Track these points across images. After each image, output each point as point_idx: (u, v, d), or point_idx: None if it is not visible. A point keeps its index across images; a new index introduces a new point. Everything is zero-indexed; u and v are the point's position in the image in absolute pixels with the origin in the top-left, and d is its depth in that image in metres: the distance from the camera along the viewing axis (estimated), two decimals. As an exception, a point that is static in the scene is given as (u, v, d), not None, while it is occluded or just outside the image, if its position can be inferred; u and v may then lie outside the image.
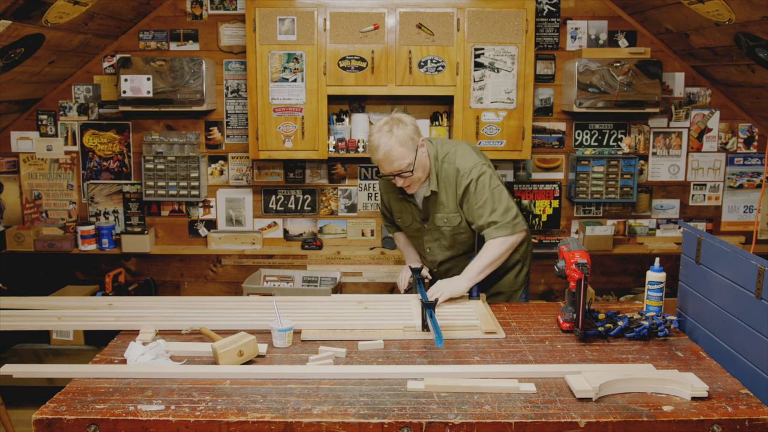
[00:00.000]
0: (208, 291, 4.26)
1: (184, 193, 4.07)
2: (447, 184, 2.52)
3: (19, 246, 4.06)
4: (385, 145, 2.35)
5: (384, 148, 2.35)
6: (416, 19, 3.74)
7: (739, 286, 1.91)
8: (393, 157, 2.36)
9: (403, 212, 2.69)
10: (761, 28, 3.05)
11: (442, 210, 2.55)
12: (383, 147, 2.36)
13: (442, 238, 2.62)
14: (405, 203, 2.64)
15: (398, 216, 2.73)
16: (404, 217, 2.70)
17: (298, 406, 1.66)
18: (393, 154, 2.36)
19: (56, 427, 1.61)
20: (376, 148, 2.38)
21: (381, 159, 2.38)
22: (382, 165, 2.41)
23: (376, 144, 2.38)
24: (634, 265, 4.26)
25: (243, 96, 4.12)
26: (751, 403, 1.70)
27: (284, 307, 2.31)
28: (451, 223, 2.56)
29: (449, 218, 2.56)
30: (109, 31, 3.88)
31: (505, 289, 2.71)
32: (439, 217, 2.57)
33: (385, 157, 2.37)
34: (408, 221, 2.69)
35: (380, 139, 2.37)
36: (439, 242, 2.64)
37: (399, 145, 2.35)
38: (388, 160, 2.37)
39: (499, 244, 2.45)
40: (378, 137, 2.37)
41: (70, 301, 2.58)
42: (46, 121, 4.15)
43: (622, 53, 3.85)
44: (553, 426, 1.59)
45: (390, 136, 2.35)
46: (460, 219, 2.55)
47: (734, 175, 4.23)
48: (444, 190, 2.52)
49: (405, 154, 2.37)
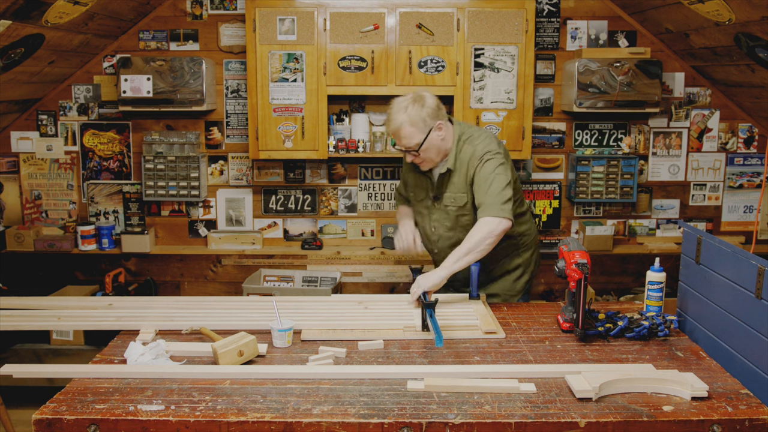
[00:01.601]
0: (208, 291, 4.26)
1: (184, 193, 4.07)
2: (461, 164, 2.56)
3: (19, 246, 4.06)
4: (395, 121, 2.46)
5: (394, 124, 2.46)
6: (416, 19, 3.74)
7: (739, 286, 1.92)
8: (402, 135, 2.46)
9: (418, 187, 2.72)
10: (761, 28, 3.05)
11: (452, 189, 2.59)
12: (394, 123, 2.46)
13: (446, 219, 2.64)
14: (421, 177, 2.68)
15: (412, 190, 2.76)
16: (417, 192, 2.73)
17: (298, 406, 1.66)
18: (402, 132, 2.45)
19: (56, 427, 1.61)
20: (389, 121, 2.50)
21: (391, 132, 2.52)
22: (395, 138, 2.53)
23: (390, 118, 2.49)
24: (634, 265, 4.26)
25: (243, 96, 4.12)
26: (751, 403, 1.70)
27: (284, 307, 2.31)
28: (457, 203, 2.59)
29: (456, 197, 2.59)
30: (109, 31, 3.88)
31: (501, 291, 2.72)
32: (447, 196, 2.60)
33: (395, 133, 2.49)
34: (421, 196, 2.72)
35: (395, 114, 2.47)
36: (443, 223, 2.65)
37: (409, 125, 2.44)
38: (398, 135, 2.48)
39: (479, 227, 2.35)
40: (394, 111, 2.48)
41: (70, 301, 2.58)
42: (46, 121, 4.15)
43: (622, 53, 3.85)
44: (553, 426, 1.59)
45: (404, 114, 2.44)
46: (466, 200, 2.58)
47: (734, 175, 4.23)
48: (459, 169, 2.57)
49: (414, 134, 2.45)
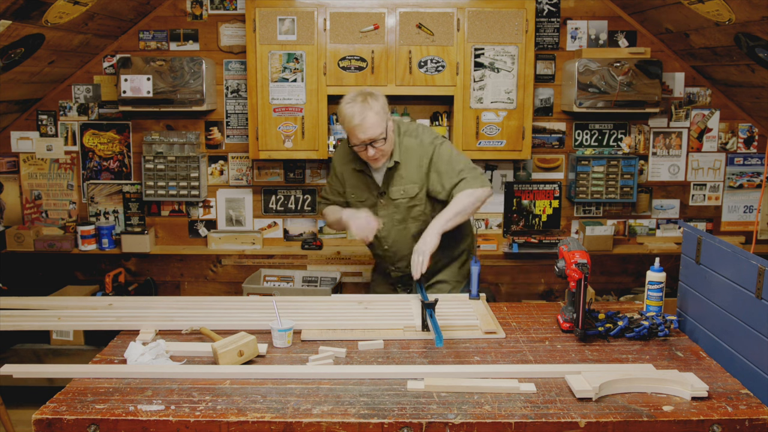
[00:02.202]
0: (208, 291, 4.26)
1: (184, 193, 4.07)
2: (409, 157, 2.58)
3: (19, 246, 4.06)
4: (360, 113, 2.41)
5: (360, 116, 2.41)
6: (416, 19, 3.74)
7: (739, 286, 1.92)
8: (368, 125, 2.41)
9: (359, 186, 2.66)
10: (761, 28, 3.05)
11: (400, 183, 2.59)
12: (359, 114, 2.41)
13: (396, 212, 2.63)
14: (362, 176, 2.64)
15: (352, 191, 2.69)
16: (359, 192, 2.67)
17: (298, 406, 1.66)
18: (368, 122, 2.41)
19: (56, 427, 1.61)
20: (351, 116, 2.42)
21: (355, 126, 2.42)
22: (355, 133, 2.43)
23: (351, 112, 2.42)
24: (634, 265, 4.26)
25: (243, 96, 4.12)
26: (751, 403, 1.70)
27: (284, 307, 2.31)
28: (408, 194, 2.59)
29: (407, 189, 2.59)
30: (109, 31, 3.88)
31: (449, 279, 2.76)
32: (395, 190, 2.60)
33: (360, 124, 2.41)
34: (363, 196, 2.66)
35: (354, 107, 2.42)
36: (393, 217, 2.64)
37: (374, 113, 2.42)
38: (363, 127, 2.41)
39: (468, 195, 2.49)
40: (352, 106, 2.43)
41: (70, 301, 2.58)
42: (46, 121, 4.15)
43: (622, 53, 3.85)
44: (553, 426, 1.59)
45: (365, 105, 2.42)
46: (417, 190, 2.59)
47: (734, 175, 4.23)
48: (407, 162, 2.58)
49: (379, 122, 2.43)
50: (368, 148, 2.46)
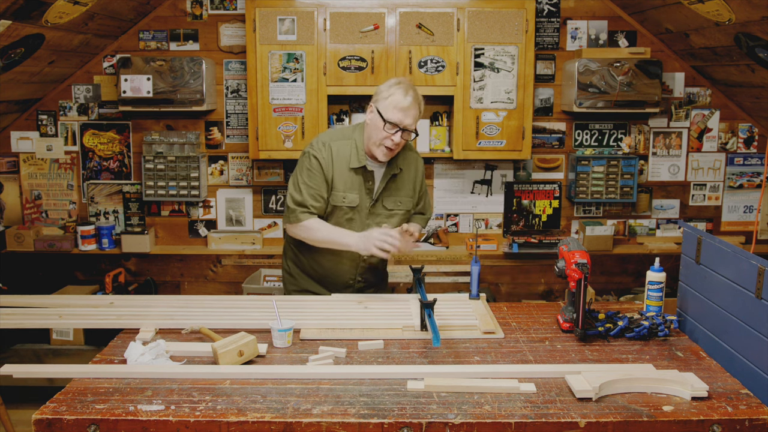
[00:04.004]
0: (208, 291, 4.26)
1: (184, 193, 4.07)
2: (407, 169, 2.56)
3: (19, 246, 4.06)
4: (414, 100, 2.36)
5: (413, 102, 2.36)
6: (416, 19, 3.74)
7: (739, 286, 1.91)
8: (413, 113, 2.37)
9: (352, 189, 2.46)
10: (761, 28, 3.05)
11: (398, 193, 2.54)
12: (413, 100, 2.36)
13: (388, 223, 2.50)
14: (360, 177, 2.46)
15: (343, 194, 2.45)
16: (349, 195, 2.46)
17: (298, 406, 1.66)
18: (414, 111, 2.37)
19: (56, 427, 1.61)
20: (404, 95, 2.34)
21: (405, 107, 2.33)
22: (400, 112, 2.33)
23: (405, 93, 2.35)
24: (634, 265, 4.26)
25: (243, 96, 4.12)
26: (751, 403, 1.70)
27: (284, 307, 2.30)
28: (405, 207, 2.57)
29: (403, 201, 2.56)
30: (109, 31, 3.88)
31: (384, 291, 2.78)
32: (392, 200, 2.54)
33: (409, 107, 2.34)
34: (355, 201, 2.46)
35: (411, 93, 2.37)
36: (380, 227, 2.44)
37: (420, 109, 2.42)
38: (410, 111, 2.35)
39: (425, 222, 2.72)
40: (407, 89, 2.37)
41: (71, 300, 2.58)
42: (46, 121, 4.15)
43: (622, 53, 3.85)
44: (553, 426, 1.59)
45: (417, 98, 2.40)
46: (411, 204, 2.59)
47: (734, 175, 4.23)
48: (405, 173, 2.56)
49: (418, 119, 2.42)
50: (403, 133, 2.36)
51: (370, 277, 2.66)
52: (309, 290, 2.64)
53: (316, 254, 2.56)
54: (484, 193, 4.24)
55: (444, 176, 4.21)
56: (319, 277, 2.62)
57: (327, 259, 2.56)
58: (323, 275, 2.60)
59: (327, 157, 2.45)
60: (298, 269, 2.66)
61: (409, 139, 2.45)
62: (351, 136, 2.50)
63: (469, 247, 4.18)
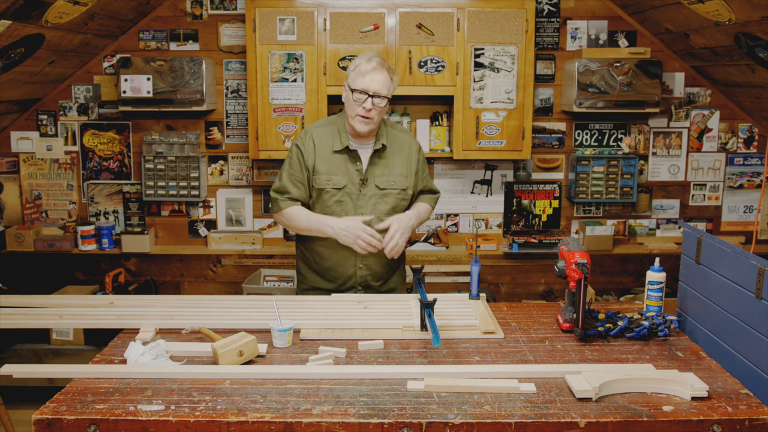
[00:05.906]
0: (208, 291, 4.26)
1: (184, 193, 4.07)
2: (398, 149, 2.57)
3: (19, 246, 4.07)
4: (379, 66, 2.40)
5: (378, 66, 2.40)
6: (416, 19, 3.74)
7: (739, 286, 1.92)
8: (380, 78, 2.39)
9: (337, 172, 2.48)
10: (761, 28, 3.05)
11: (388, 171, 2.54)
12: (378, 66, 2.40)
13: (382, 203, 2.52)
14: (345, 157, 2.49)
15: (327, 177, 2.48)
16: (335, 177, 2.48)
17: (298, 406, 1.66)
18: (381, 76, 2.39)
19: (56, 427, 1.61)
20: (369, 61, 2.40)
21: (370, 70, 2.38)
22: (365, 77, 2.38)
23: (370, 59, 2.41)
24: (634, 265, 4.26)
25: (243, 96, 4.12)
26: (751, 403, 1.70)
27: (284, 307, 2.30)
28: (398, 186, 2.56)
29: (397, 181, 2.55)
30: (109, 31, 3.88)
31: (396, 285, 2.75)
32: (383, 179, 2.53)
33: (374, 71, 2.39)
34: (341, 182, 2.48)
35: (376, 59, 2.42)
36: (379, 208, 2.52)
37: (388, 76, 2.43)
38: (375, 76, 2.38)
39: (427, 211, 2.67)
40: (373, 57, 2.43)
41: (71, 299, 2.58)
42: (46, 121, 4.15)
43: (622, 53, 3.85)
44: (553, 426, 1.59)
45: (385, 65, 2.43)
46: (407, 185, 2.58)
47: (734, 175, 4.23)
48: (396, 151, 2.56)
49: (387, 86, 2.43)
50: (373, 100, 2.38)
51: (373, 263, 2.59)
52: (316, 287, 2.65)
53: (316, 245, 2.58)
54: (484, 193, 4.24)
55: (444, 176, 4.21)
56: (324, 270, 2.62)
57: (325, 247, 2.57)
58: (327, 267, 2.60)
59: (308, 143, 2.51)
60: (306, 266, 2.68)
61: (382, 105, 2.43)
62: (334, 122, 2.58)
63: (469, 247, 4.18)
